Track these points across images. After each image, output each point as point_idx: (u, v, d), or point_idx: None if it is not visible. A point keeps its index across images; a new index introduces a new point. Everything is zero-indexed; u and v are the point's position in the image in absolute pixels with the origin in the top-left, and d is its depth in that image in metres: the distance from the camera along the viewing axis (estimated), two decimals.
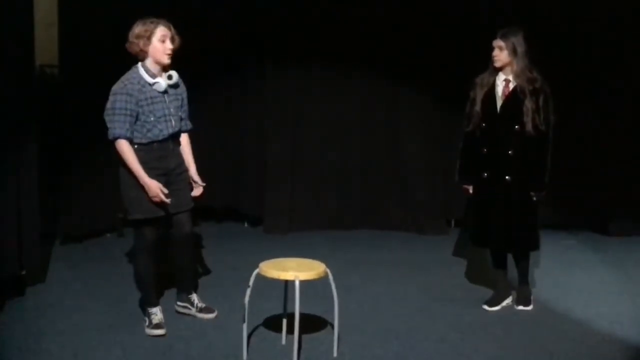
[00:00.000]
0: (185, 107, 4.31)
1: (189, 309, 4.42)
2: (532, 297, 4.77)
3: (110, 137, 3.99)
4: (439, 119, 6.87)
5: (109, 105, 4.00)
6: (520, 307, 4.72)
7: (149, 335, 4.09)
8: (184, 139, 4.35)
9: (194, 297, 4.46)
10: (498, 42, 4.49)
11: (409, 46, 6.68)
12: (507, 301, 4.74)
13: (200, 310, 4.41)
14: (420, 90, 6.80)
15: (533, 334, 4.30)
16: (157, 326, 4.13)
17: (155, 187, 3.99)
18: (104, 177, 6.09)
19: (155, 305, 4.23)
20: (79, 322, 4.27)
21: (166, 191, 4.03)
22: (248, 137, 6.91)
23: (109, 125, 3.99)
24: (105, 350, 3.88)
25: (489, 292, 4.84)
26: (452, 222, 7.09)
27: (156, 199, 4.01)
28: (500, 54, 4.48)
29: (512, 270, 4.79)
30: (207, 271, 5.39)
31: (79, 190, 6.09)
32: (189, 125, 4.37)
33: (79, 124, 5.87)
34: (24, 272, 4.74)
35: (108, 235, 6.38)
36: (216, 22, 6.62)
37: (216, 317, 4.41)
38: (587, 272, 5.66)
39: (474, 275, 5.43)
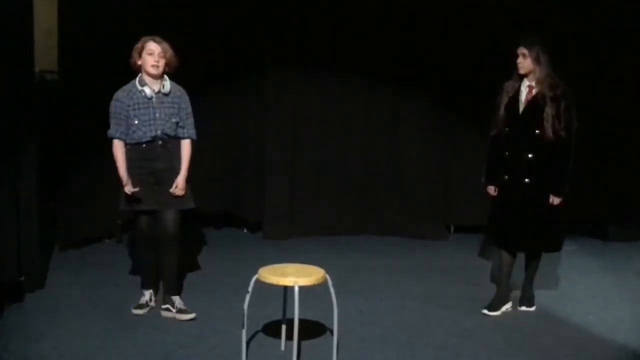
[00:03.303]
0: (185, 116, 4.59)
1: (171, 310, 4.55)
2: (534, 300, 4.82)
3: (108, 137, 4.52)
4: (439, 124, 6.88)
5: (109, 109, 4.53)
6: (524, 308, 4.79)
7: (132, 314, 4.50)
8: (184, 145, 4.60)
9: (176, 299, 4.59)
10: (522, 50, 4.57)
11: (410, 50, 6.69)
12: (507, 306, 4.76)
13: (179, 311, 4.54)
14: (421, 95, 6.81)
15: (533, 339, 4.29)
16: (139, 306, 4.57)
17: (126, 181, 4.44)
18: (103, 183, 6.08)
19: (146, 288, 4.67)
20: (77, 328, 4.27)
21: (133, 190, 4.42)
22: (247, 143, 6.91)
23: (109, 126, 4.52)
24: (104, 356, 3.87)
25: (488, 297, 4.84)
26: (452, 228, 7.10)
27: (127, 191, 4.43)
28: (524, 61, 4.56)
29: (513, 275, 4.80)
30: (206, 277, 5.38)
31: (78, 197, 6.08)
32: (188, 133, 4.62)
33: (78, 130, 5.87)
34: (22, 278, 4.73)
35: (107, 241, 6.36)
36: (216, 25, 6.63)
37: (206, 315, 4.50)
38: (587, 278, 5.66)
39: (473, 280, 5.43)
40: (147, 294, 4.64)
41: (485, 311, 4.69)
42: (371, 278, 5.52)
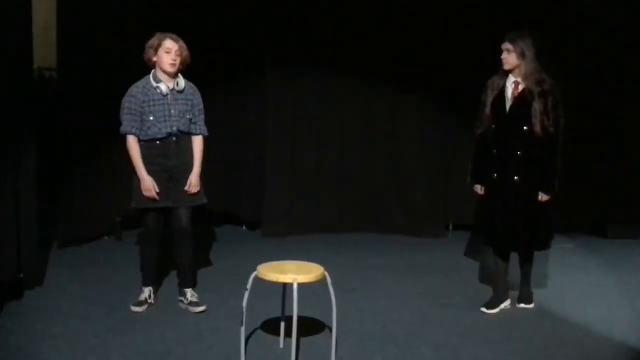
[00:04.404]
0: (197, 112, 4.64)
1: (184, 302, 4.65)
2: (533, 297, 4.83)
3: (121, 133, 4.47)
4: (438, 123, 6.89)
5: (122, 105, 4.49)
6: (522, 305, 4.79)
7: (131, 311, 4.52)
8: (197, 142, 4.65)
9: (189, 292, 4.67)
10: (506, 45, 4.52)
11: (409, 50, 6.70)
12: (506, 304, 4.75)
13: (190, 303, 4.62)
14: (420, 94, 6.82)
15: (532, 337, 4.29)
16: (138, 303, 4.57)
17: (149, 183, 4.43)
18: (102, 181, 6.10)
19: (147, 285, 4.68)
20: (77, 326, 4.27)
21: (157, 190, 4.43)
22: (247, 141, 6.92)
23: (122, 122, 4.48)
24: (103, 354, 3.88)
25: (487, 296, 4.84)
26: (451, 226, 7.11)
27: (147, 194, 4.43)
28: (509, 57, 4.51)
29: (511, 274, 4.80)
30: (205, 275, 5.38)
31: (78, 194, 6.08)
32: (200, 129, 4.67)
33: (77, 128, 5.88)
34: (22, 276, 4.74)
35: (106, 239, 6.38)
36: (216, 25, 6.63)
37: (205, 313, 4.55)
38: (586, 276, 5.66)
39: (472, 279, 5.43)
40: (147, 291, 4.66)
41: (484, 309, 4.69)
42: (370, 276, 5.53)
